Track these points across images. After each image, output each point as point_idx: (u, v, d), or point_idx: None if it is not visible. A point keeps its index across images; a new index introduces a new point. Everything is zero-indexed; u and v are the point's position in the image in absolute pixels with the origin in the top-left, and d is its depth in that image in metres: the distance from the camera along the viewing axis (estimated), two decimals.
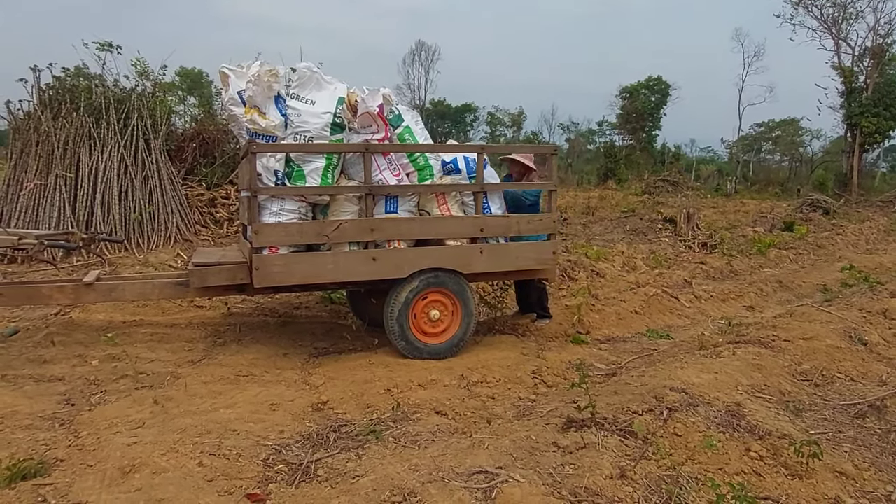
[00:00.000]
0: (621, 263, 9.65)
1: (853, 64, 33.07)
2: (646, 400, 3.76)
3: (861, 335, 5.69)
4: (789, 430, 3.59)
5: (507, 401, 4.22)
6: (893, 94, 31.56)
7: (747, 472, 3.10)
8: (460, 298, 5.00)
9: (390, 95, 4.98)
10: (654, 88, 44.43)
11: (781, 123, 51.29)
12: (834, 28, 33.30)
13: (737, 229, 14.82)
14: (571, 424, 3.41)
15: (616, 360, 5.26)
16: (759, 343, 5.27)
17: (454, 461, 3.08)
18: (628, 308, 6.83)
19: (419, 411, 3.95)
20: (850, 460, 3.36)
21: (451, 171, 5.23)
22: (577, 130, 58.34)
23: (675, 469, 3.01)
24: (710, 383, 4.18)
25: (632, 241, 12.34)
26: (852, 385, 4.71)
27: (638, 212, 16.60)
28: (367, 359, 4.93)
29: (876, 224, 17.97)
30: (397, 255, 4.82)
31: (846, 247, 13.59)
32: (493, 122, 61.40)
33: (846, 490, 3.05)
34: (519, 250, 5.25)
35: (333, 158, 4.75)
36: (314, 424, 3.76)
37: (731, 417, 3.64)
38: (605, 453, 3.08)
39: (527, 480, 2.81)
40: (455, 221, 5.00)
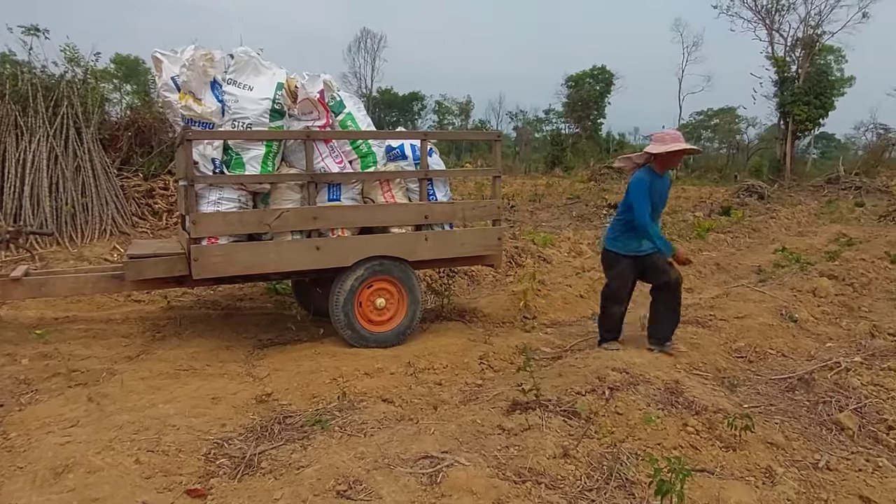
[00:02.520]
0: (567, 249, 9.81)
1: (786, 54, 34.45)
2: (589, 381, 3.84)
3: (792, 313, 5.97)
4: (724, 405, 3.73)
5: (453, 386, 4.23)
6: (823, 83, 33.05)
7: (684, 446, 3.21)
8: (406, 286, 4.98)
9: (331, 82, 4.89)
10: (599, 77, 45.25)
11: (719, 112, 53.07)
12: (768, 19, 34.59)
13: (678, 214, 15.29)
14: (516, 407, 3.45)
15: (562, 343, 5.35)
16: (697, 323, 5.46)
17: (400, 447, 3.08)
18: (574, 292, 6.95)
19: (365, 400, 3.93)
20: (780, 431, 3.51)
21: (396, 158, 5.19)
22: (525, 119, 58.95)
23: (616, 446, 3.10)
24: (650, 363, 4.31)
25: (578, 227, 12.56)
26: (783, 360, 4.93)
27: (584, 198, 16.92)
28: (312, 349, 4.86)
29: (807, 208, 18.86)
30: (341, 244, 4.76)
31: (779, 230, 14.21)
32: (441, 110, 61.41)
33: (777, 459, 3.19)
34: (464, 237, 5.26)
35: (273, 146, 4.63)
36: (258, 417, 3.68)
37: (670, 395, 3.76)
38: (549, 434, 3.14)
39: (472, 463, 2.83)
40: (400, 209, 4.97)
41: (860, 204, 20.00)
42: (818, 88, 32.40)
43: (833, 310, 6.57)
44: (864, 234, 13.60)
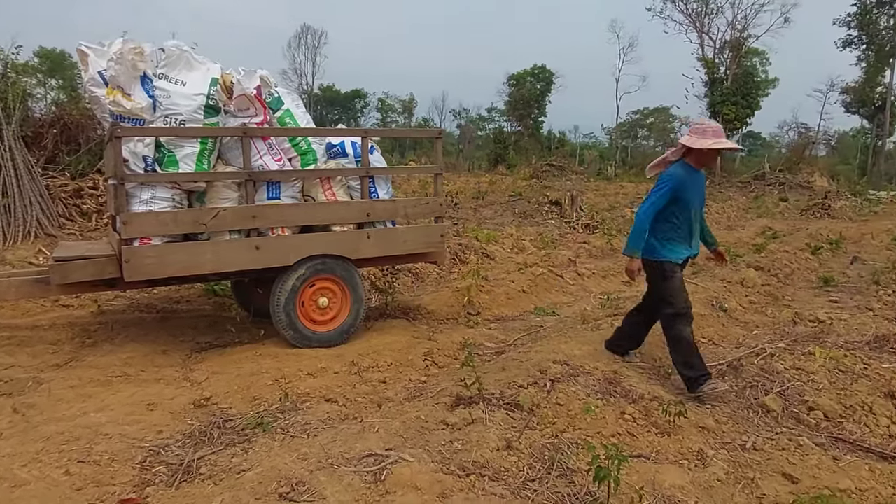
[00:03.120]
0: (510, 245, 9.95)
1: (715, 56, 36.01)
2: (531, 374, 3.91)
3: (722, 303, 6.25)
4: (660, 393, 3.88)
5: (398, 384, 4.23)
6: (749, 84, 34.74)
7: (622, 434, 3.32)
8: (349, 284, 4.94)
9: (268, 77, 4.79)
10: (540, 76, 46.07)
11: (654, 111, 55.01)
12: (698, 22, 36.06)
13: (616, 210, 15.77)
14: (460, 402, 3.48)
15: (505, 338, 5.42)
16: None
17: (344, 447, 3.06)
18: (517, 288, 7.06)
19: (309, 400, 3.88)
20: (711, 416, 3.68)
21: (337, 155, 5.14)
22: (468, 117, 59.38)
23: (557, 436, 3.17)
24: (590, 354, 4.43)
25: (520, 223, 12.75)
26: (714, 348, 5.15)
27: (526, 195, 17.17)
28: (253, 351, 4.76)
29: (736, 203, 19.79)
30: (282, 243, 4.67)
31: (711, 224, 14.77)
32: (384, 108, 61.16)
33: (708, 442, 3.34)
34: (407, 234, 5.25)
35: (209, 143, 4.50)
36: (196, 422, 3.58)
37: (609, 385, 3.88)
38: (493, 427, 3.18)
39: (416, 459, 2.85)
40: (341, 206, 4.92)
41: (784, 199, 21.13)
42: (745, 89, 34.03)
43: (760, 299, 6.92)
44: (788, 227, 14.39)
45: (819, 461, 3.07)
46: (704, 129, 3.88)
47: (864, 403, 3.81)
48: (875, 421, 3.68)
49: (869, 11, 34.34)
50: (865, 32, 34.73)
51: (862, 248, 11.18)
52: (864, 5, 34.40)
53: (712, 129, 3.88)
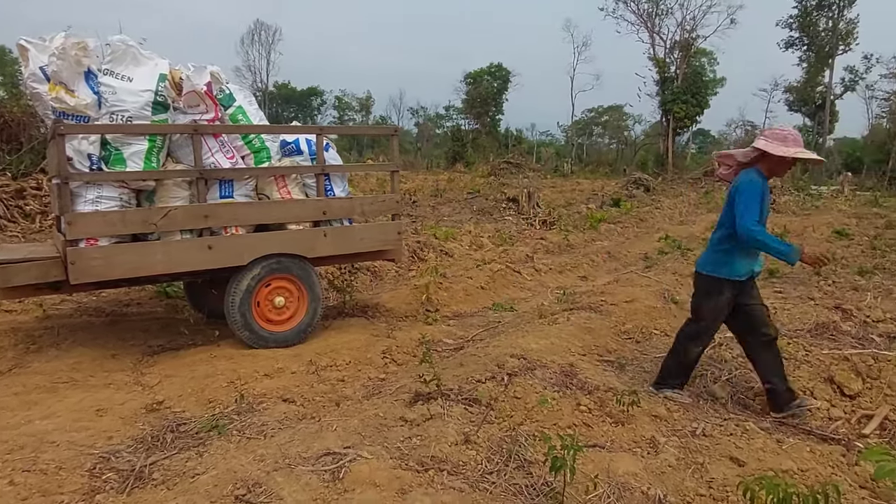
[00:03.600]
0: (469, 242, 10.00)
1: (665, 55, 36.96)
2: (489, 368, 3.95)
3: (673, 295, 6.43)
4: (614, 384, 3.97)
5: (356, 382, 4.21)
6: (698, 83, 35.80)
7: (578, 424, 3.39)
8: (306, 283, 4.89)
9: (219, 74, 4.70)
10: (496, 75, 46.39)
11: (608, 109, 55.98)
12: (649, 22, 36.92)
13: (572, 207, 16.02)
14: (419, 398, 3.49)
15: (464, 334, 5.46)
16: (590, 308, 5.75)
17: (301, 447, 3.03)
18: (475, 284, 7.10)
19: (265, 401, 3.82)
20: (663, 405, 3.78)
21: (291, 153, 5.07)
22: (426, 115, 59.33)
23: (514, 429, 3.21)
24: (547, 348, 4.50)
25: (479, 220, 12.83)
26: (666, 339, 5.28)
27: (484, 193, 17.28)
28: (208, 353, 4.66)
29: (688, 198, 20.32)
30: (236, 242, 4.59)
31: (663, 219, 15.22)
32: (341, 106, 60.57)
33: (660, 430, 3.44)
34: (364, 232, 5.23)
35: (157, 140, 4.38)
36: (149, 426, 3.49)
37: (565, 377, 3.95)
38: (451, 422, 3.20)
39: (375, 456, 2.84)
40: (297, 205, 4.86)
41: None
42: (694, 88, 35.06)
43: None
44: None
45: (764, 444, 3.19)
46: (785, 136, 3.53)
47: (806, 388, 3.98)
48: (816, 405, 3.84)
49: (809, 14, 35.76)
50: (806, 34, 36.16)
51: (804, 241, 11.62)
52: (805, 8, 35.81)
53: (793, 137, 3.54)
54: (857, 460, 3.07)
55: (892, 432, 3.53)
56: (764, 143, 3.56)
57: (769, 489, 2.18)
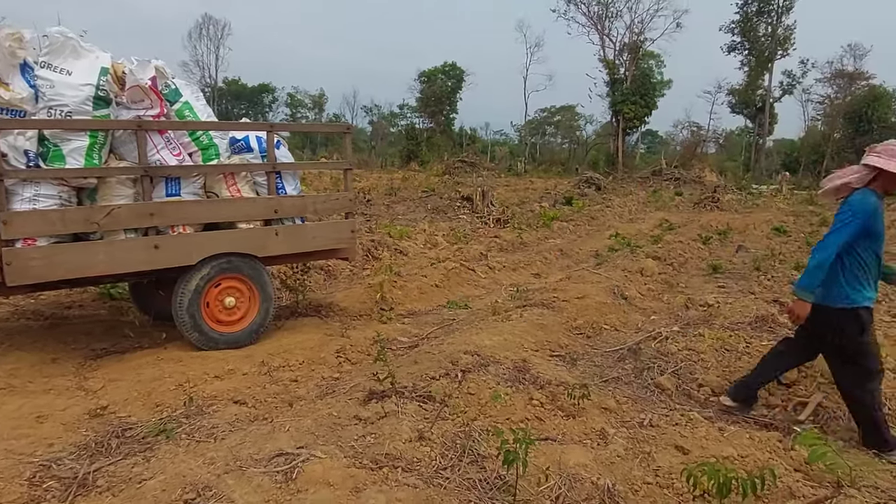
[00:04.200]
0: (423, 241, 10.02)
1: (615, 57, 37.77)
2: (443, 365, 3.98)
3: (623, 291, 6.60)
4: (566, 378, 4.05)
5: (310, 382, 4.17)
6: (647, 85, 36.76)
7: (531, 418, 3.45)
8: (257, 283, 4.80)
9: (164, 68, 4.57)
10: (450, 74, 46.50)
11: (561, 109, 56.84)
12: (599, 24, 37.68)
13: (526, 205, 16.22)
14: (373, 396, 3.49)
15: (418, 332, 5.47)
16: (543, 305, 5.85)
17: (253, 448, 2.99)
18: (429, 282, 7.12)
19: (215, 403, 3.75)
20: (613, 397, 3.89)
21: (241, 150, 4.98)
22: (380, 113, 58.98)
23: (468, 424, 3.24)
24: (500, 344, 4.55)
25: (433, 219, 12.86)
26: (616, 334, 5.44)
27: (438, 191, 17.33)
28: (155, 355, 4.53)
29: (637, 197, 20.85)
30: (183, 241, 4.47)
31: (614, 217, 15.58)
32: (294, 103, 59.62)
33: (609, 422, 3.54)
34: (317, 230, 5.18)
35: (99, 136, 4.23)
36: (92, 433, 3.37)
37: (518, 372, 4.01)
38: (405, 419, 3.21)
39: (328, 456, 2.82)
40: (247, 203, 4.77)
41: (679, 193, 22.49)
42: (643, 89, 35.99)
43: (657, 287, 7.36)
44: (682, 219, 15.35)
45: (707, 433, 3.32)
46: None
47: None
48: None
49: (750, 19, 37.15)
50: (747, 39, 37.55)
51: (746, 238, 12.10)
52: (746, 14, 37.18)
53: None
54: (793, 445, 3.22)
55: (825, 418, 3.72)
56: (877, 160, 3.32)
57: (710, 475, 2.27)
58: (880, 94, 33.72)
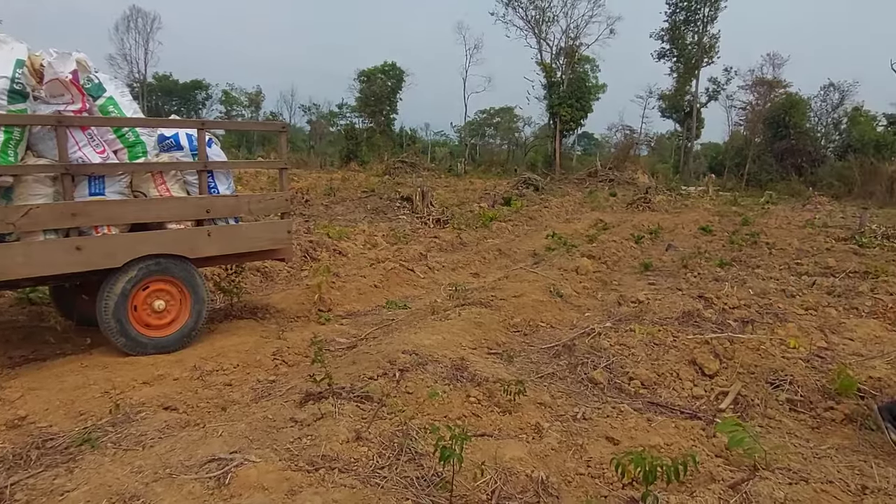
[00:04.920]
0: (363, 241, 9.96)
1: (552, 61, 38.56)
2: (381, 365, 3.97)
3: (559, 289, 6.76)
4: (503, 375, 4.12)
5: (245, 385, 4.08)
6: (582, 88, 37.72)
7: (468, 415, 3.50)
8: (188, 285, 4.66)
9: (86, 61, 4.36)
10: (390, 73, 46.30)
11: (500, 111, 57.60)
12: (536, 28, 38.38)
13: (465, 206, 16.35)
14: (309, 398, 3.45)
15: (357, 332, 5.44)
16: (481, 304, 5.92)
17: (184, 455, 2.90)
18: (368, 283, 7.09)
19: (144, 410, 3.61)
20: (548, 392, 3.99)
21: (170, 148, 4.82)
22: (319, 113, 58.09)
23: (406, 423, 3.25)
24: (438, 343, 4.58)
25: (373, 219, 12.79)
26: (552, 331, 5.57)
27: (378, 192, 17.23)
28: (78, 362, 4.33)
29: (573, 198, 21.37)
30: (108, 243, 4.29)
31: (551, 217, 15.93)
32: (229, 100, 57.93)
33: (544, 416, 3.62)
34: (251, 231, 5.07)
35: (15, 132, 4.00)
36: (10, 444, 3.19)
37: (456, 370, 4.05)
38: (342, 420, 3.19)
39: (263, 459, 2.78)
40: (177, 203, 4.62)
41: (613, 194, 23.21)
42: (579, 93, 36.92)
43: (592, 285, 7.58)
44: (616, 219, 15.85)
45: (636, 423, 3.45)
46: None
47: (673, 370, 4.35)
48: (681, 385, 4.21)
49: (678, 28, 38.68)
50: (676, 46, 39.06)
51: (675, 237, 12.62)
52: (674, 22, 38.69)
53: None
54: (715, 433, 3.39)
55: (744, 406, 3.93)
56: None
57: (636, 463, 2.37)
58: (796, 102, 35.74)
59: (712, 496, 2.63)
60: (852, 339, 5.33)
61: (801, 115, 35.55)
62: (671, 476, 2.40)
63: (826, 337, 5.29)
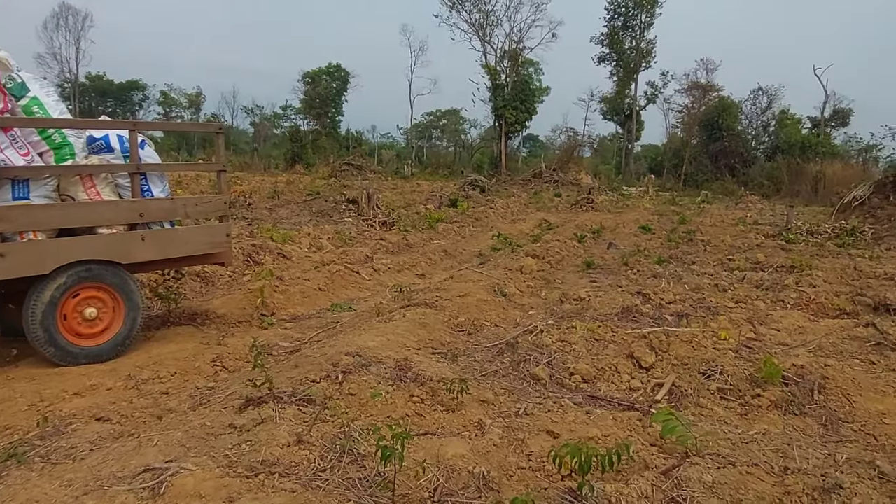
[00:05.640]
0: (308, 244, 9.83)
1: (496, 64, 39.00)
2: (324, 368, 3.94)
3: (503, 288, 6.85)
4: (447, 374, 4.15)
5: (182, 393, 3.98)
6: (527, 91, 38.28)
7: (411, 415, 3.51)
8: (122, 292, 4.50)
9: (8, 60, 4.17)
10: (335, 75, 45.84)
11: (447, 113, 57.80)
12: (480, 31, 38.75)
13: (412, 207, 16.35)
14: (249, 403, 3.39)
15: (301, 336, 5.37)
16: (426, 304, 5.95)
17: (117, 466, 2.81)
18: (313, 286, 7.01)
19: (75, 422, 3.47)
20: (491, 390, 4.04)
21: (100, 150, 4.65)
22: (262, 114, 56.90)
23: (348, 425, 3.24)
24: (383, 345, 4.58)
25: (318, 222, 12.64)
26: (496, 329, 5.64)
27: (324, 194, 17.05)
28: (3, 374, 4.13)
29: (519, 199, 21.67)
30: (34, 249, 4.10)
31: (497, 218, 16.11)
32: (168, 102, 56.09)
33: (487, 413, 3.67)
34: (189, 235, 4.95)
35: None
36: None
37: (400, 371, 4.06)
38: (283, 424, 3.15)
39: (200, 467, 2.72)
40: (108, 207, 4.47)
41: (558, 194, 23.67)
42: (523, 95, 37.46)
43: (535, 283, 7.71)
44: (561, 219, 16.18)
45: (575, 417, 3.54)
46: None
47: (612, 364, 4.48)
48: (620, 378, 4.35)
49: (617, 33, 39.73)
50: (615, 51, 40.12)
51: (616, 236, 12.98)
52: (613, 28, 39.74)
53: None
54: (650, 423, 3.52)
55: (679, 396, 4.09)
56: None
57: (572, 454, 2.44)
58: (728, 105, 37.29)
59: (646, 483, 2.73)
60: (778, 329, 5.62)
61: (733, 117, 37.09)
62: (605, 465, 2.48)
63: (755, 328, 5.56)
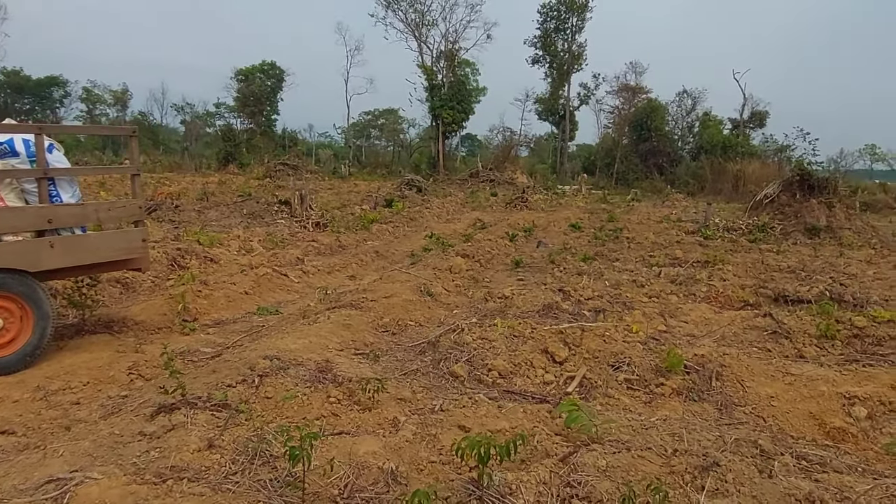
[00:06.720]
0: (237, 247, 9.67)
1: (433, 64, 39.20)
2: (241, 372, 3.95)
3: (429, 288, 6.98)
4: (367, 374, 4.23)
5: (94, 403, 3.90)
6: (463, 91, 38.67)
7: (327, 415, 3.58)
8: (30, 301, 4.36)
9: None
10: (270, 73, 44.91)
11: (385, 112, 57.58)
12: (416, 32, 38.86)
13: (347, 208, 16.31)
14: (161, 410, 3.38)
15: (224, 341, 5.33)
16: (351, 306, 6.00)
17: (18, 479, 2.77)
18: (238, 290, 6.94)
19: None
20: (409, 388, 4.14)
21: (4, 154, 4.48)
22: (193, 112, 55.09)
23: (262, 428, 3.28)
24: (305, 347, 4.62)
25: (249, 224, 12.45)
26: (420, 329, 5.76)
27: (256, 196, 16.76)
28: None
29: (455, 198, 21.92)
30: None
31: (432, 218, 16.26)
32: (91, 99, 53.50)
33: (403, 411, 3.77)
34: (101, 240, 4.82)
35: None
36: None
37: (320, 373, 4.11)
38: (195, 430, 3.17)
39: (106, 476, 2.71)
40: (13, 213, 4.31)
41: (494, 194, 24.07)
42: (460, 95, 37.82)
43: (463, 283, 7.88)
44: (495, 218, 16.48)
45: (487, 411, 3.69)
46: None
47: (528, 360, 4.66)
48: (535, 372, 4.54)
49: (549, 36, 40.65)
50: (548, 53, 41.04)
51: (547, 234, 13.36)
52: (546, 30, 40.63)
53: None
54: (558, 413, 3.71)
55: (588, 388, 4.31)
56: None
57: (471, 446, 2.57)
58: (656, 107, 38.83)
59: (545, 469, 2.89)
60: (687, 321, 5.98)
61: (661, 118, 38.62)
62: (503, 455, 2.62)
63: (666, 321, 5.89)
